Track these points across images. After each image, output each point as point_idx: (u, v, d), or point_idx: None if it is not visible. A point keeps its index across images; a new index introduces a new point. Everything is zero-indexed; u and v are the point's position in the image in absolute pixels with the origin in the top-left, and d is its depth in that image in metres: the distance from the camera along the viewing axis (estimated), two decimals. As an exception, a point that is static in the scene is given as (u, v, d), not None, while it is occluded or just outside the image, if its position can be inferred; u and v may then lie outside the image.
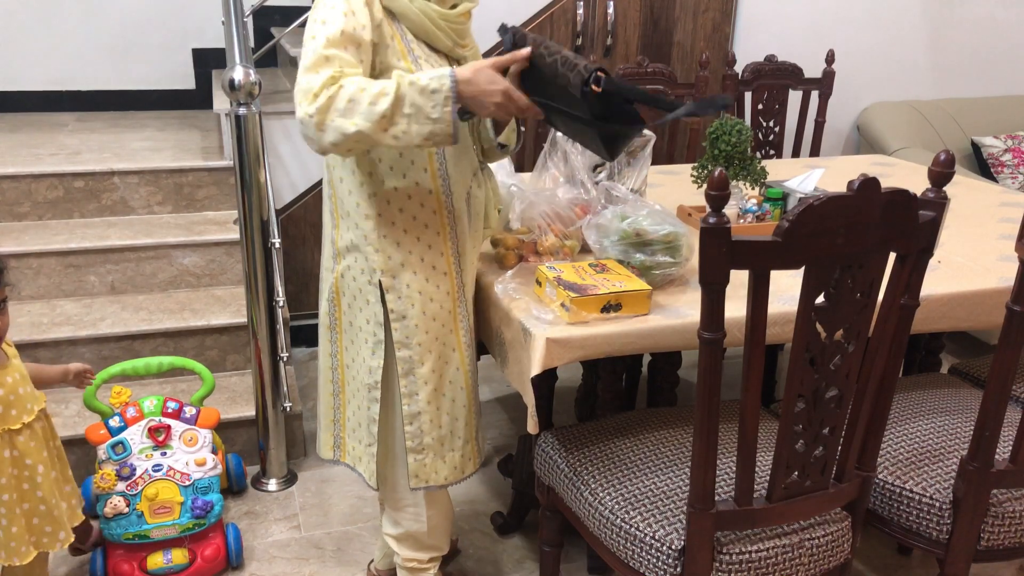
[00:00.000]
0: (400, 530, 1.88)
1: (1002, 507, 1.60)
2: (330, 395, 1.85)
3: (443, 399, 1.75)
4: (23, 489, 1.71)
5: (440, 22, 1.59)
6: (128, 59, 3.90)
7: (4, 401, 1.67)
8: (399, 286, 1.67)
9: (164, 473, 2.08)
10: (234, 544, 2.16)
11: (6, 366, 1.72)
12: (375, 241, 1.65)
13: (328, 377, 1.85)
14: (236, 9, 2.54)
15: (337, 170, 1.68)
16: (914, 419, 1.85)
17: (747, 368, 1.32)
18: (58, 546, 1.77)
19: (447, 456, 1.79)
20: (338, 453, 1.87)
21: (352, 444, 1.82)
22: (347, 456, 1.85)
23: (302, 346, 3.39)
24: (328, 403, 1.86)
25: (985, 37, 4.05)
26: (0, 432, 1.66)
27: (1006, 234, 2.18)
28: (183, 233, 2.92)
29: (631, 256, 1.75)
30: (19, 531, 1.70)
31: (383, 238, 1.65)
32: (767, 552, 1.47)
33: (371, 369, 1.72)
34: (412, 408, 1.73)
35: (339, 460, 1.87)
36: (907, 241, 1.34)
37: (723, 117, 2.15)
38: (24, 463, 1.70)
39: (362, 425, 1.78)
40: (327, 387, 1.86)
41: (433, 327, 1.70)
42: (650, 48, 3.50)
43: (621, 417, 1.85)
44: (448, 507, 1.91)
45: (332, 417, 1.86)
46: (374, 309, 1.69)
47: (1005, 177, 3.79)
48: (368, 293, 1.69)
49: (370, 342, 1.72)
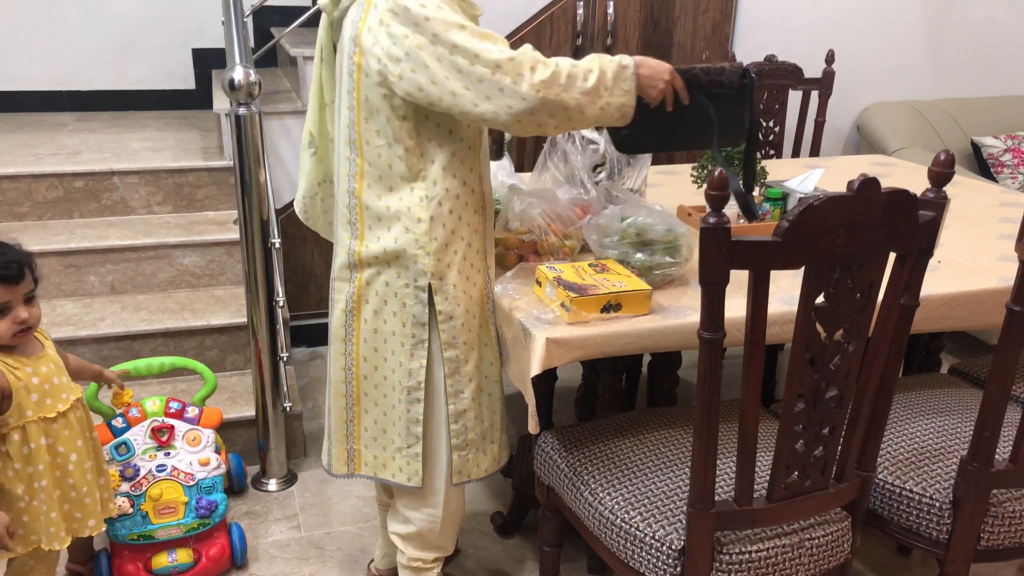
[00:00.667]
0: (411, 529, 1.87)
1: (1002, 507, 1.60)
2: (343, 408, 1.82)
3: (483, 395, 1.77)
4: (55, 476, 1.74)
5: None
6: (128, 59, 3.90)
7: (39, 390, 1.70)
8: (446, 287, 1.67)
9: (168, 473, 2.08)
10: (239, 543, 2.16)
11: (41, 356, 1.74)
12: (427, 244, 1.64)
13: (341, 390, 1.81)
14: (236, 9, 2.54)
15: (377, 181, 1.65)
16: (914, 419, 1.85)
17: (747, 368, 1.32)
18: (87, 532, 1.81)
19: (487, 449, 1.81)
20: (352, 467, 1.84)
21: (373, 453, 1.81)
22: (363, 468, 1.83)
23: (302, 346, 3.39)
24: (341, 416, 1.82)
25: (985, 37, 4.05)
26: (36, 419, 1.69)
27: (1006, 234, 2.18)
28: (183, 233, 2.92)
29: (631, 256, 1.75)
30: (57, 516, 1.74)
31: (434, 240, 1.65)
32: (767, 552, 1.47)
33: (411, 371, 1.71)
34: (458, 406, 1.74)
35: (354, 473, 1.84)
36: (907, 241, 1.34)
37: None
38: (57, 451, 1.73)
39: (387, 432, 1.77)
40: (339, 400, 1.82)
41: (473, 325, 1.72)
42: (650, 48, 3.50)
43: (621, 417, 1.85)
44: (462, 508, 1.91)
45: (345, 431, 1.83)
46: (412, 311, 1.68)
47: (1005, 177, 3.79)
48: (405, 297, 1.68)
49: (407, 344, 1.70)
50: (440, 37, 1.49)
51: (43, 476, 1.71)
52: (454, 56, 1.49)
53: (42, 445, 1.70)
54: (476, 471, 1.81)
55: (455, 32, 1.49)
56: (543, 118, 1.53)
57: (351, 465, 1.84)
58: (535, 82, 1.49)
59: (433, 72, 1.50)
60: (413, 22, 1.49)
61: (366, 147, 1.64)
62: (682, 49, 3.54)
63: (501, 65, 1.49)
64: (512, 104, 1.50)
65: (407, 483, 1.78)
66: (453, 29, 1.49)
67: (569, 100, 1.52)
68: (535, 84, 1.49)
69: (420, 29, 1.49)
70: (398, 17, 1.50)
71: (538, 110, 1.51)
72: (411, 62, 1.51)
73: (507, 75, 1.49)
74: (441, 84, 1.51)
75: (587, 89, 1.53)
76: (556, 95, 1.51)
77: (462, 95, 1.51)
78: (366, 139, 1.63)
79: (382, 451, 1.80)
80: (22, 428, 1.68)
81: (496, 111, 1.51)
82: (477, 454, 1.80)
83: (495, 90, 1.49)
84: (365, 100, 1.60)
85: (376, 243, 1.67)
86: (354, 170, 1.67)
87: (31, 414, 1.69)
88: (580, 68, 1.53)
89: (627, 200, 1.90)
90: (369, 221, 1.67)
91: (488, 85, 1.49)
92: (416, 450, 1.76)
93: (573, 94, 1.52)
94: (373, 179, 1.65)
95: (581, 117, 1.56)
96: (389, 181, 1.64)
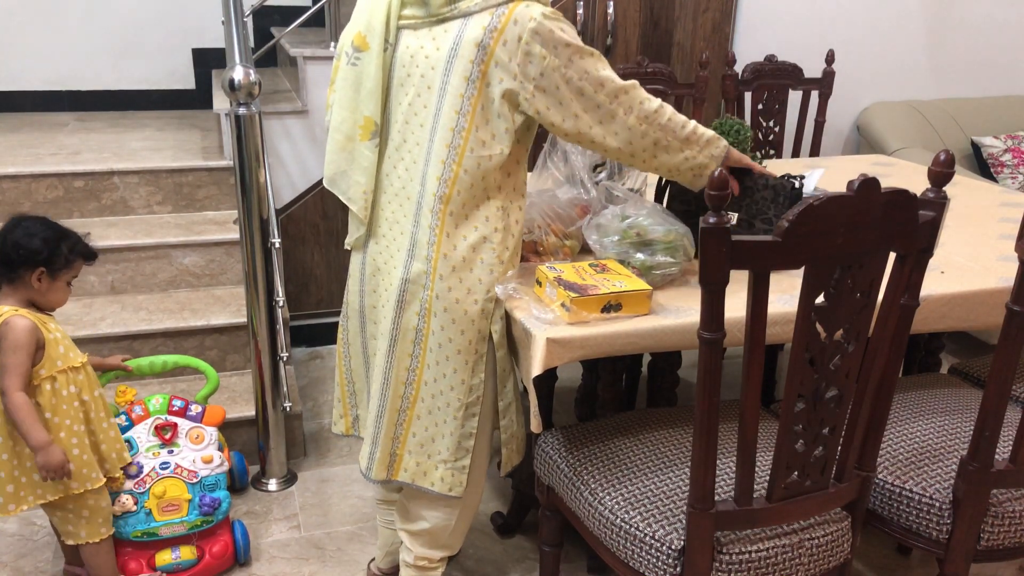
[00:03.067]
0: (422, 526, 1.87)
1: (1002, 507, 1.61)
2: (396, 411, 1.78)
3: (517, 384, 1.79)
4: (84, 422, 1.89)
5: None
6: (128, 59, 3.90)
7: (64, 343, 1.86)
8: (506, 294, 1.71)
9: (171, 471, 2.08)
10: (242, 540, 2.16)
11: (52, 316, 1.91)
12: (502, 253, 1.69)
13: (400, 392, 1.76)
14: (236, 9, 2.54)
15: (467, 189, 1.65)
16: (914, 419, 1.85)
17: (747, 368, 1.32)
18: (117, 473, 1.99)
19: (521, 435, 1.84)
20: (391, 472, 1.81)
21: (416, 460, 1.79)
22: (401, 474, 1.80)
23: (302, 346, 3.39)
24: (393, 419, 1.78)
25: (985, 37, 4.05)
26: (64, 369, 1.84)
27: (1006, 234, 2.18)
28: (183, 233, 2.92)
29: (631, 256, 1.75)
30: (90, 459, 1.90)
31: (507, 250, 1.70)
32: (767, 552, 1.47)
33: (472, 387, 1.72)
34: (505, 401, 1.77)
35: (391, 478, 1.82)
36: (907, 241, 1.34)
37: (723, 117, 2.15)
38: (83, 399, 1.89)
39: (436, 443, 1.77)
40: (396, 402, 1.77)
41: None
42: (650, 48, 3.50)
43: (621, 417, 1.85)
44: (476, 508, 1.91)
45: (393, 434, 1.79)
46: (479, 327, 1.69)
47: (1005, 177, 3.79)
48: (474, 315, 1.68)
49: (470, 362, 1.71)
50: (574, 62, 1.58)
51: (76, 421, 1.86)
52: (582, 82, 1.59)
53: (72, 392, 1.85)
54: (516, 458, 1.84)
55: (588, 59, 1.60)
56: (638, 150, 1.67)
57: (391, 470, 1.81)
58: (641, 115, 1.64)
59: (561, 94, 1.59)
60: (553, 44, 1.56)
61: (468, 154, 1.62)
62: (682, 49, 3.55)
63: (618, 95, 1.62)
64: (619, 131, 1.64)
65: (448, 492, 1.78)
66: (587, 57, 1.60)
67: (663, 138, 1.66)
68: (641, 116, 1.63)
69: (558, 52, 1.57)
70: (539, 37, 1.55)
71: (636, 141, 1.65)
72: (545, 81, 1.58)
73: (621, 105, 1.62)
74: (566, 105, 1.60)
75: (682, 136, 1.68)
76: (655, 132, 1.65)
77: (581, 118, 1.62)
78: (471, 145, 1.62)
79: (426, 459, 1.78)
80: (52, 379, 1.82)
81: (604, 136, 1.64)
82: (520, 443, 1.83)
83: (608, 117, 1.62)
84: (481, 109, 1.60)
85: (454, 251, 1.66)
86: (448, 175, 1.63)
87: (61, 364, 1.83)
88: (681, 116, 1.69)
89: (627, 200, 1.90)
90: (448, 228, 1.66)
91: (604, 112, 1.62)
92: (464, 463, 1.77)
93: (667, 136, 1.66)
94: (464, 186, 1.64)
95: (667, 158, 1.69)
96: (478, 190, 1.65)
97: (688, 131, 1.69)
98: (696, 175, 1.74)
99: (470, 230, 1.66)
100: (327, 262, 3.32)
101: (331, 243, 3.28)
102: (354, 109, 1.72)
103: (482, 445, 1.80)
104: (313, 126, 3.11)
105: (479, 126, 1.61)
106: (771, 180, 1.82)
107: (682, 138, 1.68)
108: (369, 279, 1.81)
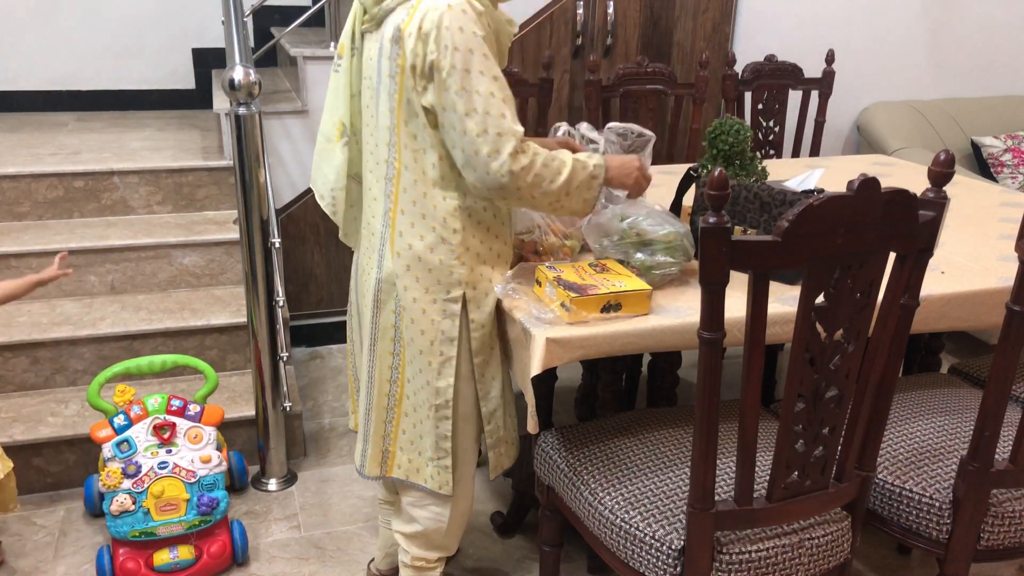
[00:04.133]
0: (416, 528, 1.87)
1: (1002, 507, 1.61)
2: (384, 408, 1.80)
3: (507, 390, 1.78)
4: None
5: (509, 41, 1.68)
6: (128, 59, 3.90)
7: None
8: (479, 296, 1.68)
9: (170, 470, 2.08)
10: (240, 540, 2.16)
11: None
12: (462, 254, 1.65)
13: (385, 390, 1.78)
14: (236, 9, 2.54)
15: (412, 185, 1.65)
16: (914, 419, 1.85)
17: (747, 368, 1.32)
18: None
19: (513, 438, 1.84)
20: (385, 468, 1.83)
21: (408, 457, 1.81)
22: (396, 471, 1.83)
23: (302, 346, 3.39)
24: (382, 416, 1.80)
25: (985, 37, 4.05)
26: None
27: (1006, 234, 2.18)
28: (183, 233, 2.92)
29: (631, 256, 1.75)
30: None
31: (468, 251, 1.66)
32: (767, 552, 1.47)
33: (439, 390, 1.71)
34: (488, 407, 1.76)
35: (385, 475, 1.84)
36: (907, 241, 1.34)
37: (723, 117, 2.15)
38: None
39: (423, 439, 1.77)
40: (382, 400, 1.79)
41: (495, 329, 1.73)
42: (650, 48, 3.50)
43: (621, 417, 1.85)
44: (470, 510, 1.91)
45: (383, 432, 1.81)
46: (441, 327, 1.68)
47: (1005, 177, 3.79)
48: (433, 313, 1.67)
49: (435, 363, 1.70)
50: (471, 74, 1.51)
51: None
52: (473, 98, 1.52)
53: None
54: (506, 462, 1.84)
55: (488, 81, 1.52)
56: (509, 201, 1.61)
57: (384, 467, 1.83)
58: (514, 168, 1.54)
59: (446, 99, 1.53)
60: (445, 45, 1.51)
61: (404, 150, 1.63)
62: (682, 49, 3.55)
63: (488, 131, 1.52)
64: (486, 179, 1.55)
65: (439, 491, 1.79)
66: (488, 77, 1.52)
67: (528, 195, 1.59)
68: (512, 170, 1.54)
69: (460, 55, 1.51)
70: (435, 32, 1.51)
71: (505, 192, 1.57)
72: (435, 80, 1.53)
73: (488, 144, 1.53)
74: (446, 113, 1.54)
75: (551, 192, 1.61)
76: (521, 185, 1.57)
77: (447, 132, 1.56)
78: (404, 142, 1.63)
79: (417, 456, 1.80)
80: None
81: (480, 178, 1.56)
82: (509, 447, 1.83)
83: (472, 151, 1.54)
84: (407, 103, 1.60)
85: (408, 251, 1.67)
86: (391, 172, 1.66)
87: None
88: (550, 169, 1.59)
89: (627, 200, 1.90)
90: (401, 227, 1.67)
91: (469, 141, 1.53)
92: (446, 463, 1.77)
93: (535, 192, 1.59)
94: (408, 183, 1.65)
95: (541, 208, 1.65)
96: (423, 187, 1.64)
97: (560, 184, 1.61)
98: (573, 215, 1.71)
99: (426, 230, 1.65)
100: (327, 262, 3.32)
101: (331, 243, 3.28)
102: (333, 113, 1.79)
103: (464, 448, 1.78)
104: (313, 126, 3.11)
105: (407, 121, 1.61)
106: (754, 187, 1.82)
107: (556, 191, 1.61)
108: (359, 279, 1.84)
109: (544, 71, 2.78)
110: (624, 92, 2.95)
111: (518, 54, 3.32)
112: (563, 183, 1.61)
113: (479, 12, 1.53)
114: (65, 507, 2.39)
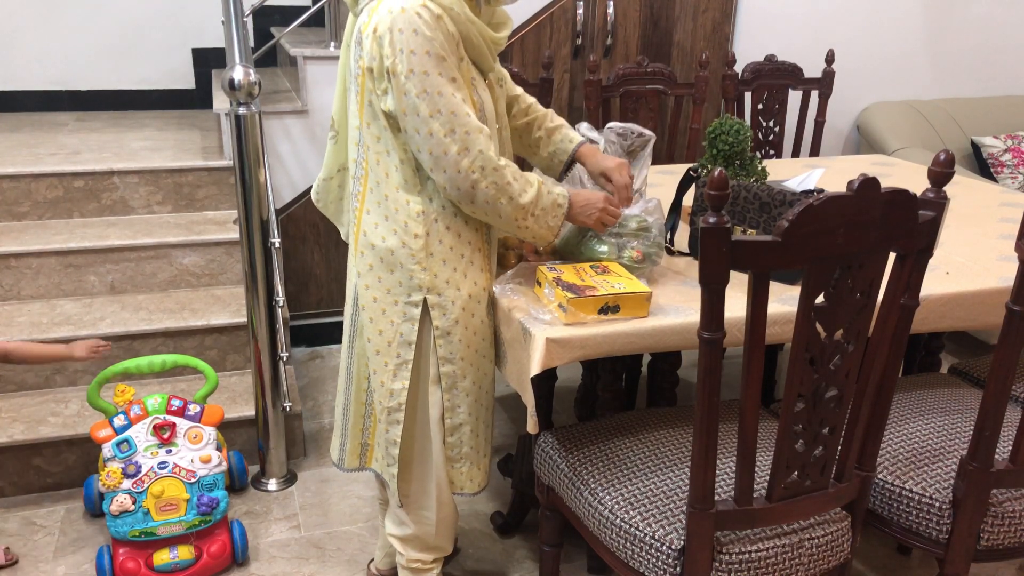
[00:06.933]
0: (407, 531, 1.87)
1: (1002, 507, 1.61)
2: (363, 404, 1.81)
3: (481, 408, 1.77)
4: None
5: (491, 45, 1.63)
6: (128, 59, 3.90)
7: None
8: (445, 303, 1.66)
9: (170, 470, 2.08)
10: (240, 540, 2.16)
11: None
12: (423, 260, 1.63)
13: (364, 386, 1.80)
14: (236, 9, 2.54)
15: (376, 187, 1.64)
16: (914, 419, 1.85)
17: (747, 368, 1.32)
18: None
19: (481, 463, 1.82)
20: (364, 460, 1.85)
21: (380, 453, 1.82)
22: (374, 463, 1.84)
23: (302, 346, 3.39)
24: (360, 411, 1.82)
25: (985, 37, 4.05)
26: None
27: (1006, 234, 2.18)
28: (183, 233, 2.92)
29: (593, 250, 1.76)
30: None
31: (430, 256, 1.64)
32: (767, 552, 1.47)
33: (392, 392, 1.71)
34: (455, 420, 1.74)
35: (365, 466, 1.85)
36: (907, 241, 1.34)
37: (723, 117, 2.15)
38: None
39: (380, 445, 1.78)
40: (360, 395, 1.81)
41: (474, 341, 1.71)
42: (650, 48, 3.50)
43: (621, 417, 1.85)
44: (455, 512, 1.91)
45: (362, 426, 1.82)
46: (400, 329, 1.67)
47: (1005, 177, 3.79)
48: (393, 314, 1.67)
49: (391, 365, 1.70)
50: (431, 76, 1.49)
51: None
52: (419, 99, 1.50)
53: None
54: (470, 485, 1.81)
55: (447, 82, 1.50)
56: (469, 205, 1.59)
57: (363, 459, 1.85)
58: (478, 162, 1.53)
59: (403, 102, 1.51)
60: (400, 47, 1.48)
61: (369, 151, 1.63)
62: (682, 49, 3.55)
63: (456, 130, 1.51)
64: (451, 179, 1.54)
65: (393, 499, 1.81)
66: (447, 78, 1.50)
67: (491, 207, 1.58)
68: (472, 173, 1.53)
69: (417, 58, 1.48)
70: (390, 35, 1.49)
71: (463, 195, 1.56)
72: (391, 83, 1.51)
73: (457, 143, 1.51)
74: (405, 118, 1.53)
75: (515, 206, 1.59)
76: (480, 192, 1.55)
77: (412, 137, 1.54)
78: (368, 143, 1.63)
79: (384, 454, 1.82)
80: None
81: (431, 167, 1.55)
82: (472, 468, 1.80)
83: (440, 151, 1.52)
84: (368, 105, 1.60)
85: (371, 251, 1.67)
86: (360, 172, 1.67)
87: None
88: (515, 186, 1.58)
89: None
90: (366, 226, 1.67)
91: (437, 142, 1.52)
92: (393, 471, 1.77)
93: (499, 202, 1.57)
94: (372, 183, 1.65)
95: (497, 220, 1.62)
96: (386, 189, 1.63)
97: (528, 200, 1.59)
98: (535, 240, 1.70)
99: (388, 232, 1.64)
100: (327, 262, 3.32)
101: (331, 243, 3.28)
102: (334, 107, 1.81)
103: (421, 458, 1.77)
104: (313, 126, 3.11)
105: (369, 123, 1.61)
106: (753, 187, 1.82)
107: (519, 207, 1.59)
108: (347, 277, 1.85)
109: (544, 71, 2.78)
110: (624, 92, 2.95)
111: (518, 54, 3.32)
112: (530, 200, 1.60)
113: (436, 15, 1.49)
114: (65, 507, 2.39)
